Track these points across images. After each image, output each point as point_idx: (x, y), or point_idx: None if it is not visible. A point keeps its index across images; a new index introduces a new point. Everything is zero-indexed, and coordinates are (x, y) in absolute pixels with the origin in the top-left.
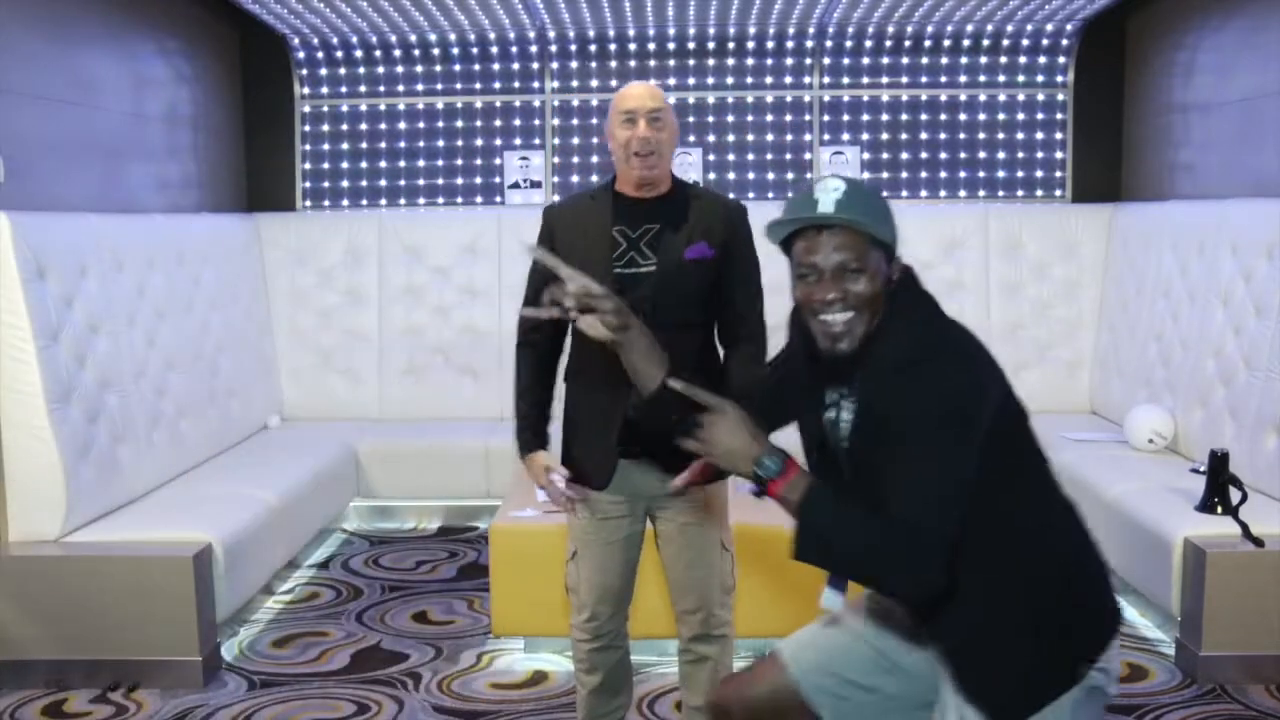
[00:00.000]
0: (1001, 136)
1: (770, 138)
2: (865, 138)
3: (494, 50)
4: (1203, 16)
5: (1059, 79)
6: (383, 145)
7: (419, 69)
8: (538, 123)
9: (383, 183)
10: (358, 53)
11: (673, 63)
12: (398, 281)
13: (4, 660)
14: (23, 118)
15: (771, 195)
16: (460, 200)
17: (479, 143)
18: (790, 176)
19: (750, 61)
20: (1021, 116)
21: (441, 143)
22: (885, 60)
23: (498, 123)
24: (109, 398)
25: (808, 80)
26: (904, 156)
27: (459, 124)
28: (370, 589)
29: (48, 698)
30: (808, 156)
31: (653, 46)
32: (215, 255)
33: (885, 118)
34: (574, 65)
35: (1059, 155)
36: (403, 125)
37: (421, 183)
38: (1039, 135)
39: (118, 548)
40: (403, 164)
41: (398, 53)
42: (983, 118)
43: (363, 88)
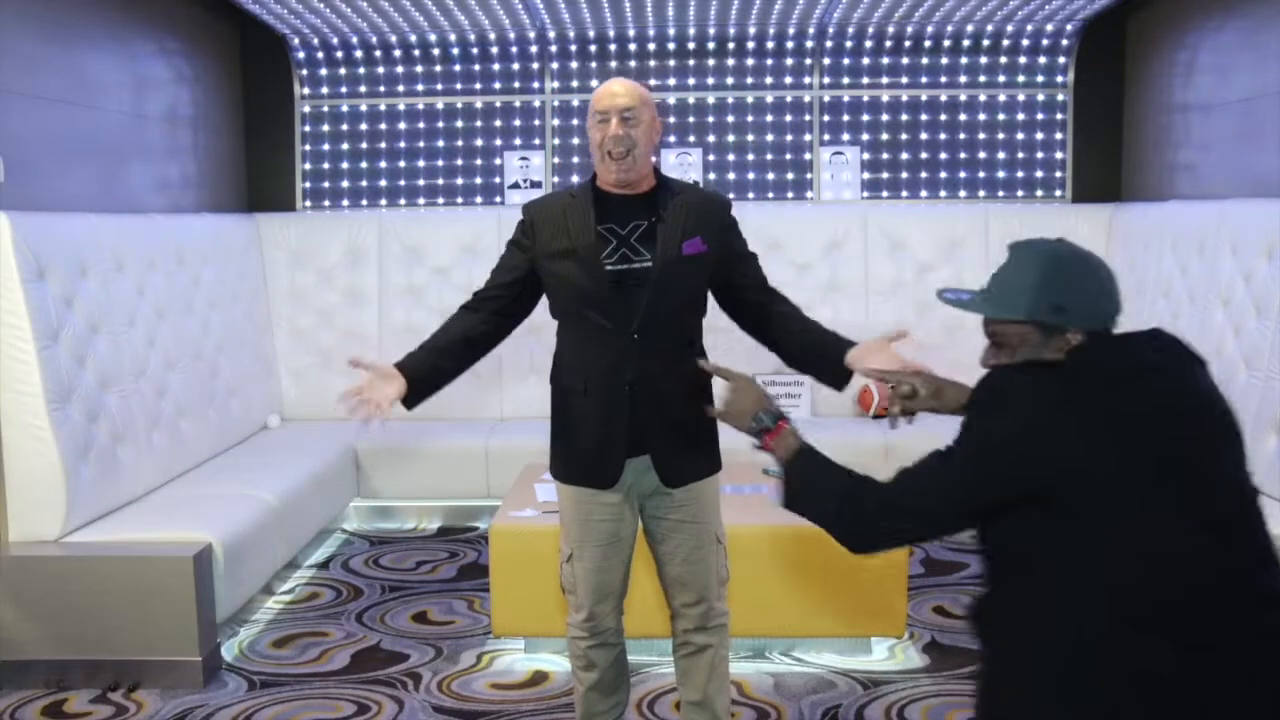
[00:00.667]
0: (1001, 136)
1: (770, 138)
2: (865, 138)
3: (494, 50)
4: (1203, 16)
5: (1059, 79)
6: (383, 145)
7: (419, 69)
8: (538, 123)
9: (383, 183)
10: (358, 53)
11: (673, 63)
12: (398, 281)
13: (4, 660)
14: (23, 118)
15: (771, 195)
16: (460, 200)
17: (479, 143)
18: (790, 176)
19: (750, 61)
20: (1021, 116)
21: (441, 143)
22: (885, 60)
23: (498, 123)
24: (109, 398)
25: (808, 80)
26: (904, 156)
27: (459, 124)
28: (370, 589)
29: (48, 698)
30: (808, 156)
31: (653, 46)
32: (215, 255)
33: (885, 118)
34: (574, 65)
35: (1059, 155)
36: (403, 125)
37: (421, 183)
38: (1039, 135)
39: (118, 548)
40: (403, 164)
41: (398, 53)
42: (983, 118)
43: (363, 88)
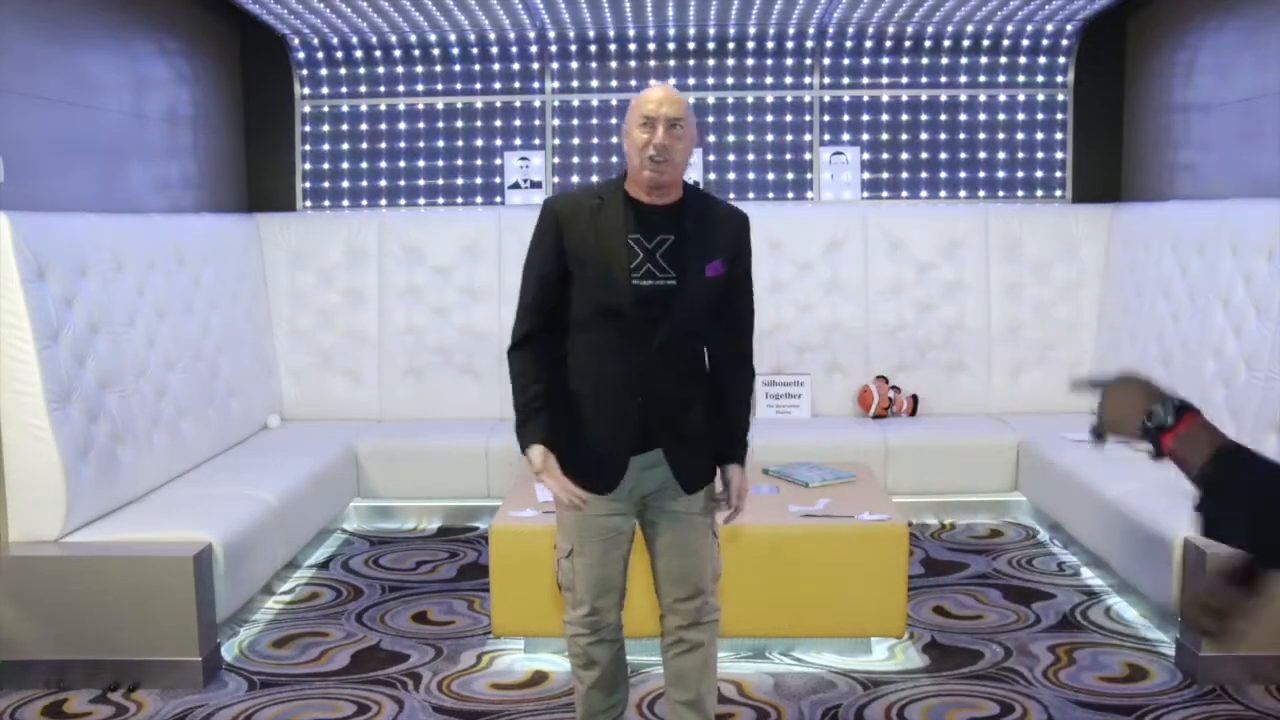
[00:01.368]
0: (1001, 136)
1: (770, 138)
2: (865, 138)
3: (494, 50)
4: (1203, 16)
5: (1059, 79)
6: (383, 145)
7: (419, 69)
8: (538, 123)
9: (383, 183)
10: (358, 53)
11: (673, 63)
12: (398, 281)
13: (4, 660)
14: (23, 118)
15: (771, 195)
16: (460, 200)
17: (479, 143)
18: (790, 176)
19: (750, 61)
20: (1021, 116)
21: (441, 143)
22: (885, 60)
23: (498, 123)
24: (109, 398)
25: (808, 80)
26: (904, 156)
27: (459, 124)
28: (370, 589)
29: (48, 698)
30: (808, 156)
31: (653, 46)
32: (215, 255)
33: (885, 118)
34: (574, 65)
35: (1059, 155)
36: (403, 125)
37: (421, 183)
38: (1039, 135)
39: (118, 548)
40: (403, 164)
41: (398, 53)
42: (983, 118)
43: (363, 88)
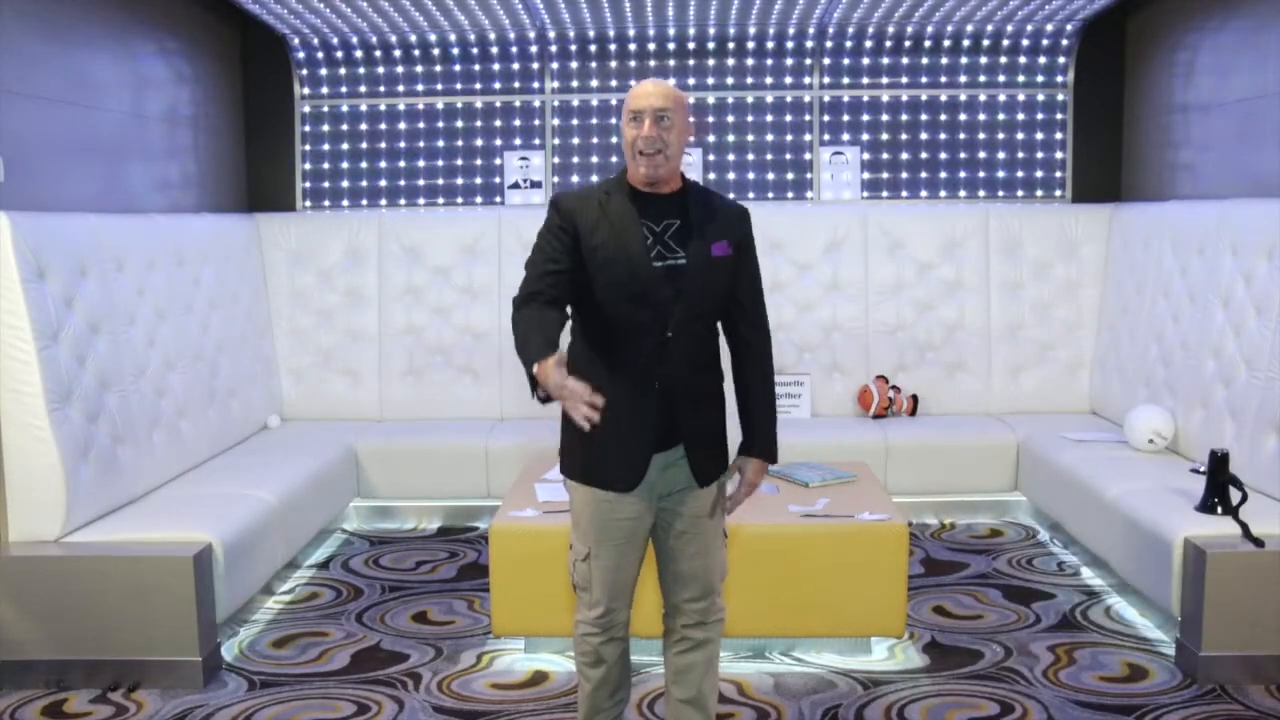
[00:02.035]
0: (1001, 136)
1: (770, 138)
2: (865, 138)
3: (494, 50)
4: (1203, 17)
5: (1059, 79)
6: (383, 145)
7: (419, 69)
8: (538, 123)
9: (383, 183)
10: (358, 53)
11: (673, 63)
12: (398, 281)
13: (4, 660)
14: (23, 118)
15: (771, 195)
16: (460, 200)
17: (479, 143)
18: (790, 176)
19: (750, 61)
20: (1021, 116)
21: (441, 143)
22: (885, 60)
23: (498, 123)
24: (109, 398)
25: (808, 80)
26: (904, 156)
27: (459, 124)
28: (370, 589)
29: (48, 698)
30: (808, 156)
31: (653, 46)
32: (215, 255)
33: (885, 118)
34: (574, 65)
35: (1059, 155)
36: (403, 125)
37: (421, 183)
38: (1039, 135)
39: (118, 548)
40: (403, 164)
41: (398, 53)
42: (983, 118)
43: (363, 88)
